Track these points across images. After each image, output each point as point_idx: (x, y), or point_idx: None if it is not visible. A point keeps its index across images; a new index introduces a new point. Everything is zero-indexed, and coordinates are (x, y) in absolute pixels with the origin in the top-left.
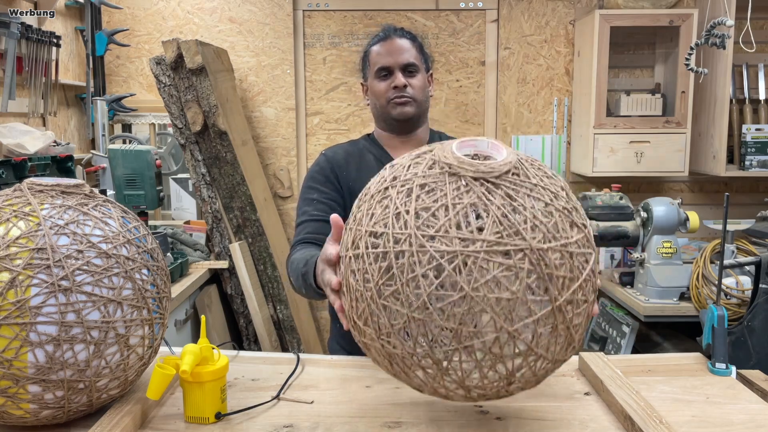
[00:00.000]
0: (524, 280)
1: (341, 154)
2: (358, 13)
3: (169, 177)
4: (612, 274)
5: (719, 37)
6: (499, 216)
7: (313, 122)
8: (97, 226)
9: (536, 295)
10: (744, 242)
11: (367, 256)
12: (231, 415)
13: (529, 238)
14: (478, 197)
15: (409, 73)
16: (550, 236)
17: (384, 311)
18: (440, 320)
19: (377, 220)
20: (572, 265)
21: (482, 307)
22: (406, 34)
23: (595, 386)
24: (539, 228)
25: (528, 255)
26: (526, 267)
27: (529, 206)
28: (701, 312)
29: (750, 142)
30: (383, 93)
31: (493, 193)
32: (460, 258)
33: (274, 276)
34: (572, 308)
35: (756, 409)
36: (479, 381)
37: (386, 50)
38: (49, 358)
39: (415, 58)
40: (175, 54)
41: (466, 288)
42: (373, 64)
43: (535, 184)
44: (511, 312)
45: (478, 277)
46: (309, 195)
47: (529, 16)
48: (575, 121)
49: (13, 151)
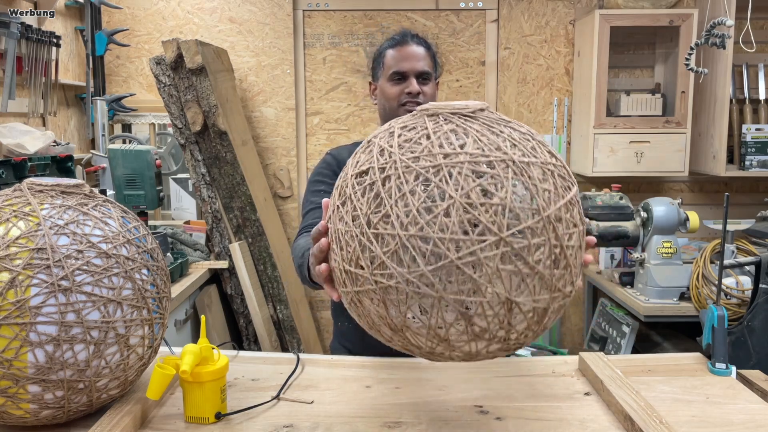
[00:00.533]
0: (510, 188)
1: (345, 153)
2: (358, 13)
3: (169, 177)
4: (612, 274)
5: (719, 37)
6: (478, 136)
7: (313, 122)
8: (97, 226)
9: (524, 203)
10: (744, 242)
11: (354, 194)
12: (231, 415)
13: (510, 152)
14: (457, 125)
15: (423, 80)
16: (530, 155)
17: (375, 240)
18: (432, 233)
19: (362, 162)
20: (555, 183)
21: (471, 214)
22: (422, 41)
23: (595, 386)
24: (518, 147)
25: (511, 166)
26: (510, 176)
27: (506, 132)
28: (701, 312)
29: (750, 142)
30: (396, 96)
31: (471, 122)
32: (446, 170)
33: (274, 276)
34: (563, 227)
35: (756, 409)
36: (479, 307)
37: (403, 55)
38: (49, 358)
39: (429, 67)
40: (175, 54)
41: (454, 195)
42: (388, 67)
43: (508, 120)
44: (503, 219)
45: (464, 185)
46: (316, 187)
47: (529, 16)
48: (575, 121)
49: (13, 151)
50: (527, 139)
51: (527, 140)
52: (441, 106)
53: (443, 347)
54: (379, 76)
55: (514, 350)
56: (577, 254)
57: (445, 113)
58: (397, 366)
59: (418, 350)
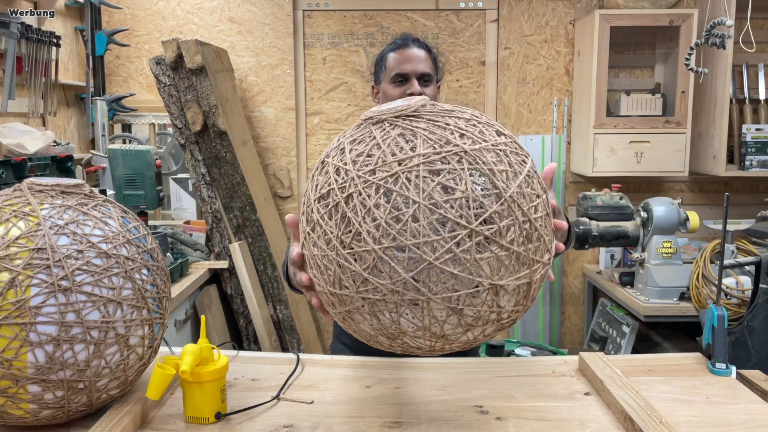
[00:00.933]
0: (468, 179)
1: None
2: (358, 13)
3: (169, 177)
4: (612, 274)
5: (719, 37)
6: (426, 134)
7: (313, 122)
8: (97, 226)
9: (485, 190)
10: (744, 242)
11: (321, 218)
12: (231, 415)
13: (461, 144)
14: (404, 129)
15: (424, 82)
16: (480, 140)
17: (353, 260)
18: (405, 240)
19: (321, 185)
20: (510, 161)
21: (438, 213)
22: (424, 44)
23: (595, 386)
24: (467, 135)
25: (464, 157)
26: (465, 167)
27: (452, 123)
28: (701, 312)
29: (750, 142)
30: (397, 98)
31: (417, 121)
32: (403, 176)
33: (274, 276)
34: (527, 202)
35: (756, 409)
36: (467, 299)
37: (404, 58)
38: (49, 358)
39: (430, 69)
40: (175, 54)
41: (417, 200)
42: (389, 70)
43: (451, 110)
44: (468, 210)
45: (424, 187)
46: None
47: (529, 16)
48: (575, 121)
49: (13, 151)
50: (473, 124)
51: (473, 126)
52: (383, 111)
53: (442, 343)
54: (382, 80)
55: (511, 325)
56: (545, 222)
57: (390, 118)
58: (397, 366)
59: (419, 350)
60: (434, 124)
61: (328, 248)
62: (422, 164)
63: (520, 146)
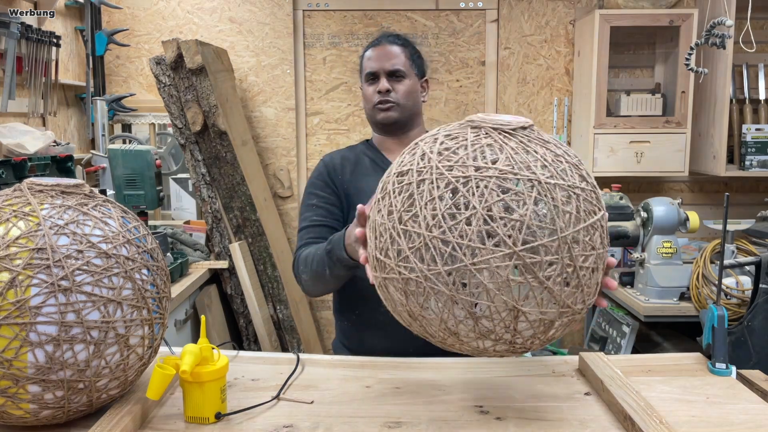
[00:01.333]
0: (531, 206)
1: (338, 159)
2: (358, 13)
3: (169, 177)
4: (612, 274)
5: (719, 37)
6: (512, 154)
7: (313, 122)
8: (97, 226)
9: (543, 222)
10: (744, 242)
11: (393, 191)
12: (231, 415)
13: (539, 172)
14: (494, 140)
15: (396, 78)
16: (559, 177)
17: (404, 236)
18: (452, 237)
19: (405, 163)
20: (578, 207)
21: (490, 226)
22: (399, 40)
23: (595, 386)
24: (550, 167)
25: (536, 186)
26: (534, 195)
27: (540, 152)
28: (701, 312)
29: (750, 142)
30: (370, 97)
31: (509, 139)
32: (474, 182)
33: (274, 276)
34: (579, 249)
35: (756, 409)
36: (487, 309)
37: (376, 55)
38: (49, 358)
39: (402, 65)
40: (175, 54)
41: (477, 207)
42: (363, 69)
43: (547, 140)
44: (519, 234)
45: (488, 198)
46: (309, 201)
47: (529, 16)
48: (575, 121)
49: (13, 151)
50: (560, 161)
51: (559, 162)
52: (486, 120)
53: (453, 340)
54: (361, 80)
55: (522, 353)
56: (591, 276)
57: (488, 127)
58: (397, 366)
59: (432, 338)
60: (523, 147)
61: (388, 218)
62: (495, 178)
63: (598, 198)
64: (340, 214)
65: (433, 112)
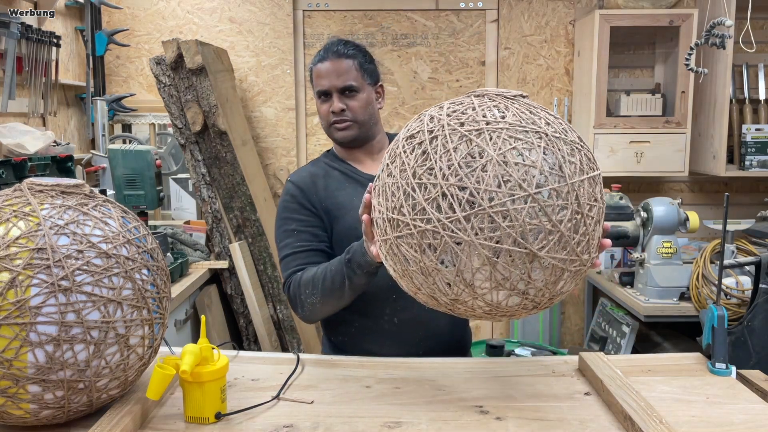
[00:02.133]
0: (541, 154)
1: (306, 177)
2: (358, 13)
3: (169, 177)
4: (612, 274)
5: (719, 37)
6: (518, 111)
7: (313, 122)
8: (97, 226)
9: (552, 170)
10: (744, 242)
11: (404, 152)
12: (231, 415)
13: (544, 127)
14: (499, 104)
15: (348, 95)
16: (562, 132)
17: (419, 189)
18: (470, 183)
19: (413, 128)
20: (581, 160)
21: (506, 171)
22: (346, 50)
23: (595, 386)
24: (552, 125)
25: (544, 138)
26: (543, 145)
27: (542, 114)
28: (701, 312)
29: (750, 142)
30: (325, 116)
31: (513, 103)
32: (487, 133)
33: (274, 276)
34: (585, 198)
35: (756, 409)
36: (505, 256)
37: (325, 72)
38: (49, 358)
39: (354, 79)
40: (175, 54)
41: (492, 153)
42: (315, 86)
43: (544, 108)
44: (533, 178)
45: (502, 146)
46: (287, 226)
47: (529, 16)
48: (575, 121)
49: (13, 151)
50: (560, 122)
51: (560, 123)
52: (486, 90)
53: (468, 293)
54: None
55: (531, 310)
56: (596, 227)
57: (491, 94)
58: (397, 366)
59: (445, 296)
60: (528, 108)
61: (401, 176)
62: (506, 129)
63: (594, 158)
64: (325, 235)
65: None
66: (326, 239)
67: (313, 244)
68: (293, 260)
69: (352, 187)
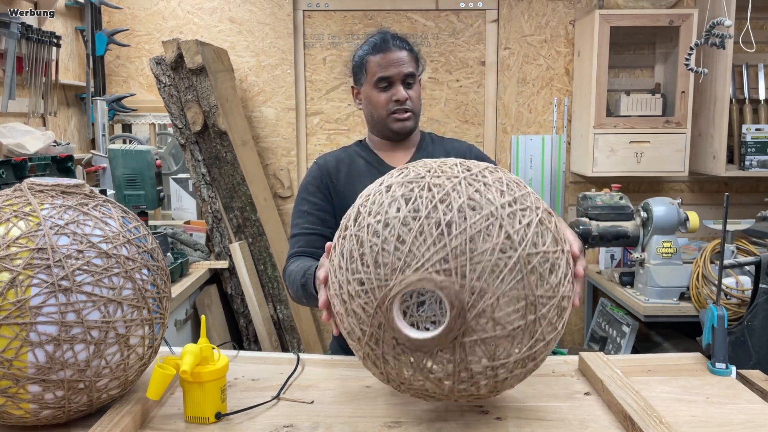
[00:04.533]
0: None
1: (332, 161)
2: (358, 13)
3: (169, 177)
4: (612, 274)
5: (719, 37)
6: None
7: (313, 122)
8: (97, 226)
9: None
10: (744, 242)
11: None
12: (231, 415)
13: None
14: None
15: (408, 84)
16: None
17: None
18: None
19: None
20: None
21: None
22: (404, 43)
23: (595, 386)
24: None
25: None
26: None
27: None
28: (701, 312)
29: (750, 142)
30: (383, 104)
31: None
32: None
33: (274, 276)
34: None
35: (756, 409)
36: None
37: (387, 61)
38: (49, 358)
39: (413, 68)
40: (175, 54)
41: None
42: (372, 74)
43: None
44: None
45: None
46: (301, 207)
47: (529, 16)
48: (575, 121)
49: (13, 151)
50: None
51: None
52: None
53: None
54: (363, 82)
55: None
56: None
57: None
58: None
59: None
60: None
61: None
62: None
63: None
64: (332, 221)
65: (433, 112)
66: (333, 225)
67: (318, 228)
68: (297, 241)
69: (372, 178)
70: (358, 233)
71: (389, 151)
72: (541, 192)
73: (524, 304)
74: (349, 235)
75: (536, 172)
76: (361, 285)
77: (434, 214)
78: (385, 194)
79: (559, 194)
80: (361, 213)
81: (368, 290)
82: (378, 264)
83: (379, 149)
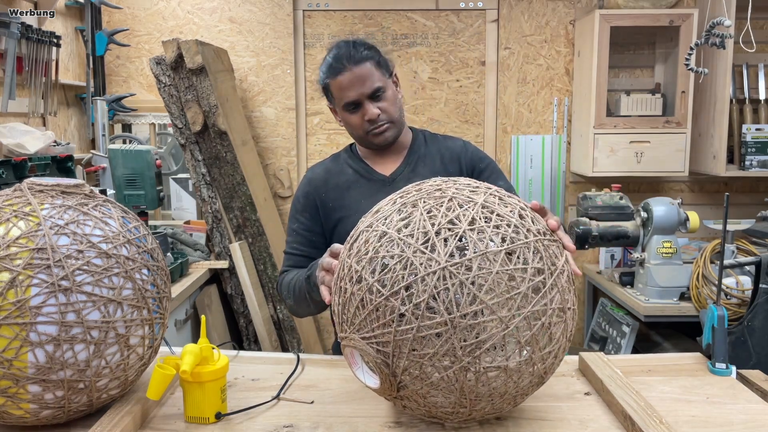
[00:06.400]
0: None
1: (321, 173)
2: (358, 13)
3: (169, 177)
4: (612, 274)
5: (719, 37)
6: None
7: (313, 122)
8: (97, 226)
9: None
10: (744, 242)
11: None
12: (231, 415)
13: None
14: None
15: (377, 97)
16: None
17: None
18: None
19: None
20: None
21: None
22: (360, 54)
23: (595, 386)
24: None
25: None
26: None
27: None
28: (701, 312)
29: (750, 142)
30: (359, 125)
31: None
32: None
33: (274, 276)
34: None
35: (756, 409)
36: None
37: (348, 83)
38: (49, 358)
39: (378, 80)
40: (175, 54)
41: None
42: (338, 99)
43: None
44: None
45: None
46: (292, 224)
47: (529, 16)
48: (575, 121)
49: (13, 151)
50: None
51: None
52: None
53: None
54: (335, 104)
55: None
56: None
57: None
58: None
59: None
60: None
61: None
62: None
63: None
64: (320, 240)
65: (433, 112)
66: (322, 245)
67: (305, 250)
68: (287, 259)
69: (362, 189)
70: (347, 262)
71: (378, 159)
72: (541, 192)
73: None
74: (342, 261)
75: (536, 172)
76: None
77: (394, 300)
78: (376, 242)
79: (559, 194)
80: (353, 249)
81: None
82: (348, 305)
83: (367, 157)
